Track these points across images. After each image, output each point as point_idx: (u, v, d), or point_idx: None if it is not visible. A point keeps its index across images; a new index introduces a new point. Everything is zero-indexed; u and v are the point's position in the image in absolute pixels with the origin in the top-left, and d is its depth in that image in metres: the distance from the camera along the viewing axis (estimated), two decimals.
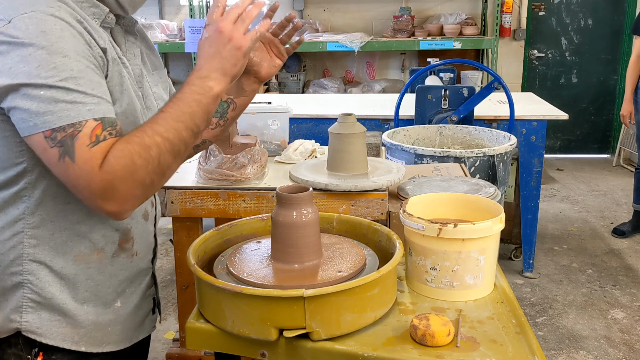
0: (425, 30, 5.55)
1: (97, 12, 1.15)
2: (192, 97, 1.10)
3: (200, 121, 1.12)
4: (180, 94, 1.11)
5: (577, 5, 6.09)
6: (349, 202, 1.81)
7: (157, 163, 1.06)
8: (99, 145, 1.02)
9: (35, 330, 1.17)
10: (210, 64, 1.13)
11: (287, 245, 1.28)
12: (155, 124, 1.07)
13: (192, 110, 1.10)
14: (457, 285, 1.30)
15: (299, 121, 3.48)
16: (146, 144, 1.04)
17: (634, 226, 4.29)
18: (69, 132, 1.01)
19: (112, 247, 1.23)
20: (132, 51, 1.26)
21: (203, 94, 1.11)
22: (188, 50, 5.41)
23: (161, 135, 1.06)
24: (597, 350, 2.91)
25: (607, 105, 6.35)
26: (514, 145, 2.80)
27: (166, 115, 1.08)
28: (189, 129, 1.10)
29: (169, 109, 1.09)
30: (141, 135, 1.05)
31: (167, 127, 1.07)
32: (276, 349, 1.16)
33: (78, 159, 1.01)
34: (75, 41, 1.04)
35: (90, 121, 1.02)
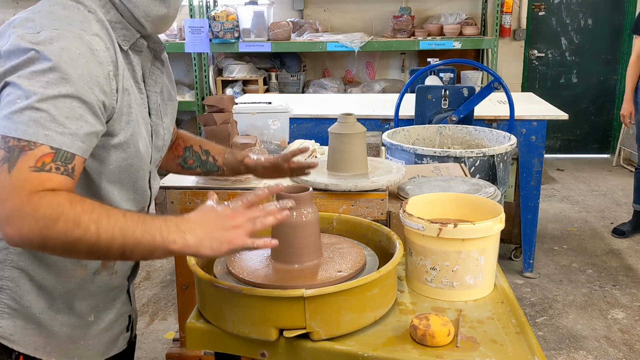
0: (425, 30, 5.55)
1: (127, 35, 1.16)
2: (154, 230, 1.00)
3: (137, 253, 1.01)
4: (152, 220, 1.02)
5: (577, 5, 6.09)
6: (349, 202, 1.81)
7: (71, 243, 0.98)
8: (40, 174, 0.97)
9: (9, 336, 1.17)
10: (198, 229, 1.03)
11: (287, 245, 1.28)
12: (105, 216, 0.99)
13: (140, 239, 0.99)
14: (457, 285, 1.30)
15: (299, 121, 3.48)
16: (79, 221, 0.97)
17: (634, 226, 4.29)
18: (21, 144, 0.98)
19: (95, 265, 1.24)
20: (154, 78, 1.26)
21: (163, 238, 1.00)
22: (188, 50, 5.42)
23: (97, 228, 0.97)
24: (597, 350, 2.91)
25: (607, 105, 6.35)
26: (514, 145, 2.80)
27: (120, 220, 0.99)
28: (122, 247, 0.99)
29: (130, 219, 1.00)
30: (87, 210, 0.98)
31: (108, 228, 0.98)
32: (276, 349, 1.16)
33: (15, 172, 0.97)
34: (87, 71, 1.03)
35: (45, 147, 0.98)
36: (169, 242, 1.00)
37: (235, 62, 5.73)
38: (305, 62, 6.08)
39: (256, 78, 5.67)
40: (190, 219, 1.04)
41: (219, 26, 5.29)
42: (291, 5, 6.02)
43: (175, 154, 1.53)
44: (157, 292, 3.56)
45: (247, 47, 5.39)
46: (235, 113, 2.23)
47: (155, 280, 3.71)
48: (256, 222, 1.07)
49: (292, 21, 5.71)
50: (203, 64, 5.84)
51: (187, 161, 1.53)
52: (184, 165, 1.53)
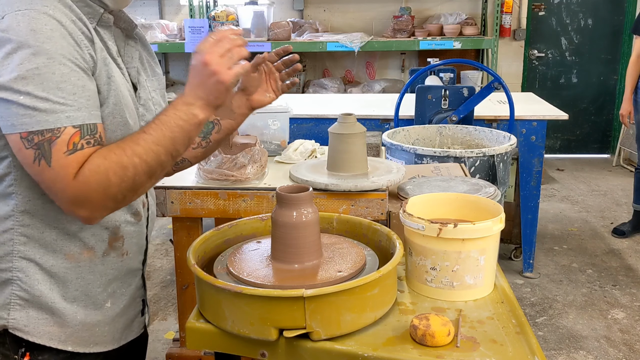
0: (425, 30, 5.55)
1: (91, 12, 1.16)
2: (175, 121, 1.11)
3: (181, 146, 1.12)
4: (164, 116, 1.11)
5: (577, 5, 6.09)
6: (349, 202, 1.81)
7: (132, 182, 1.08)
8: (75, 154, 1.04)
9: (23, 328, 1.17)
10: (195, 92, 1.13)
11: (287, 245, 1.28)
12: (135, 145, 1.08)
13: (174, 135, 1.10)
14: (457, 285, 1.30)
15: (299, 121, 3.48)
16: (123, 164, 1.06)
17: (634, 226, 4.29)
18: (46, 136, 1.02)
19: (102, 246, 1.23)
20: (130, 54, 1.27)
21: (187, 120, 1.11)
22: (188, 50, 5.41)
23: (140, 157, 1.07)
24: (597, 350, 2.91)
25: (607, 105, 6.35)
26: (514, 145, 2.80)
27: (147, 137, 1.09)
28: (169, 153, 1.11)
29: (152, 131, 1.09)
30: (120, 153, 1.07)
31: (147, 149, 1.08)
32: (276, 349, 1.16)
33: (54, 163, 1.03)
34: (64, 42, 1.05)
35: (69, 128, 1.04)
36: (191, 120, 1.11)
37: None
38: (305, 62, 6.08)
39: None
40: (187, 92, 1.13)
41: (219, 26, 5.29)
42: (291, 5, 6.02)
43: None
44: (157, 292, 3.56)
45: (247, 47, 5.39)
46: None
47: (155, 280, 3.71)
48: (232, 52, 1.14)
49: (292, 21, 5.71)
50: None
51: None
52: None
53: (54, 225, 1.17)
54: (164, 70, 6.26)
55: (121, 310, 1.31)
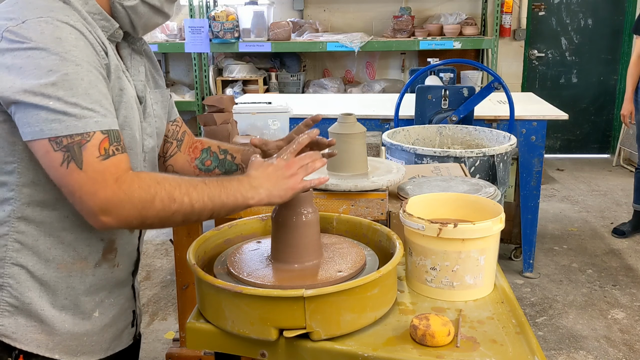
0: (425, 30, 5.55)
1: (107, 26, 1.17)
2: (235, 192, 1.15)
3: (223, 213, 1.17)
4: (228, 182, 1.16)
5: (577, 5, 6.09)
6: (349, 202, 1.81)
7: (169, 217, 1.10)
8: (110, 159, 1.05)
9: (11, 334, 1.17)
10: (265, 183, 1.18)
11: (287, 245, 1.28)
12: (192, 188, 1.11)
13: (226, 202, 1.14)
14: (457, 285, 1.30)
15: (299, 121, 3.43)
16: (173, 197, 1.09)
17: (634, 226, 4.29)
18: (76, 139, 1.03)
19: (95, 257, 1.23)
20: (136, 68, 1.28)
21: (244, 196, 1.16)
22: (188, 50, 5.42)
23: (190, 199, 1.10)
24: (597, 350, 2.91)
25: (607, 105, 6.35)
26: (514, 145, 2.80)
27: (205, 188, 1.12)
28: (212, 211, 1.14)
29: (212, 186, 1.13)
30: (175, 186, 1.09)
31: (200, 197, 1.11)
32: (276, 349, 1.16)
33: (87, 167, 1.03)
34: (88, 51, 1.07)
35: (98, 133, 1.05)
36: (247, 199, 1.17)
37: (235, 62, 5.73)
38: (305, 62, 6.08)
39: (256, 78, 5.67)
40: (256, 176, 1.19)
41: (219, 26, 5.29)
42: (291, 5, 6.02)
43: (192, 156, 1.53)
44: (157, 292, 3.56)
45: (247, 47, 5.40)
46: (235, 113, 2.23)
47: (155, 280, 3.72)
48: (308, 166, 1.22)
49: (292, 21, 5.71)
50: (203, 64, 5.84)
51: (204, 162, 1.53)
52: (202, 168, 1.53)
53: (50, 234, 1.16)
54: (164, 70, 6.26)
55: (110, 320, 1.30)
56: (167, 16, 1.24)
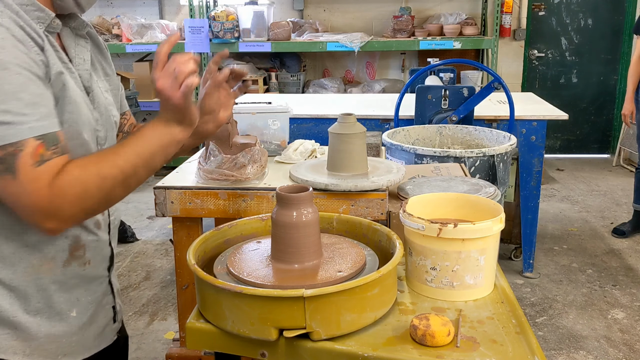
0: (425, 30, 5.55)
1: (42, 16, 1.11)
2: (154, 137, 1.13)
3: (159, 162, 1.15)
4: (146, 130, 1.14)
5: (577, 5, 6.09)
6: (349, 202, 1.81)
7: (109, 193, 1.09)
8: (46, 164, 1.02)
9: None
10: (165, 114, 1.16)
11: (287, 245, 1.28)
12: (116, 155, 1.09)
13: (153, 150, 1.13)
14: (457, 285, 1.30)
15: (299, 121, 3.48)
16: (103, 175, 1.07)
17: (634, 226, 4.29)
18: (9, 150, 0.99)
19: (63, 256, 1.20)
20: (81, 55, 1.23)
21: (165, 136, 1.15)
22: (188, 50, 5.41)
23: (119, 168, 1.08)
24: (597, 350, 2.91)
25: (607, 105, 6.35)
26: (514, 145, 2.80)
27: (128, 150, 1.10)
28: (147, 166, 1.13)
29: (132, 143, 1.11)
30: (100, 164, 1.07)
31: (127, 161, 1.09)
32: (276, 349, 1.16)
33: (22, 177, 1.01)
34: (17, 51, 1.02)
35: (31, 140, 1.01)
36: (169, 137, 1.15)
37: (235, 62, 5.73)
38: (305, 62, 6.08)
39: (256, 78, 5.67)
40: (161, 113, 1.17)
41: (219, 26, 5.29)
42: (291, 5, 6.02)
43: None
44: (157, 292, 3.56)
45: (247, 47, 5.40)
46: (235, 113, 2.23)
47: (155, 280, 3.72)
48: (177, 76, 1.13)
49: (292, 21, 5.71)
50: (203, 64, 5.84)
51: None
52: None
53: (11, 238, 1.13)
54: None
55: (89, 318, 1.28)
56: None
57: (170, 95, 1.13)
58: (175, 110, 1.15)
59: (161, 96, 1.15)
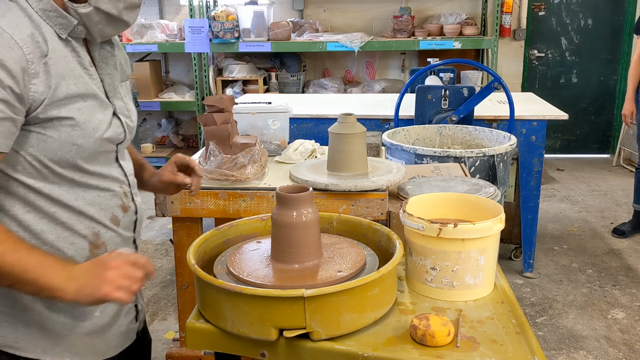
0: (425, 30, 5.55)
1: (64, 23, 1.12)
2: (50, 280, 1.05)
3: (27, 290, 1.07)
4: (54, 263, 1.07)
5: (577, 5, 6.09)
6: (349, 202, 1.81)
7: None
8: None
9: (13, 344, 1.16)
10: (80, 278, 1.08)
11: (287, 245, 1.28)
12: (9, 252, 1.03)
13: (34, 283, 1.05)
14: (457, 285, 1.30)
15: (299, 121, 3.48)
16: None
17: (634, 226, 4.29)
18: None
19: (83, 254, 1.21)
20: (105, 60, 1.24)
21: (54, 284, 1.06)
22: (188, 50, 5.42)
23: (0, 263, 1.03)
24: (597, 350, 2.91)
25: (607, 105, 6.35)
26: (514, 145, 2.80)
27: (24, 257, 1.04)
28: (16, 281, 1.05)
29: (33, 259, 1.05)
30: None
31: (10, 264, 1.03)
32: (276, 349, 1.16)
33: None
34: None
35: None
36: (55, 290, 1.06)
37: (235, 62, 5.73)
38: (305, 62, 6.08)
39: (256, 78, 5.67)
40: (82, 267, 1.10)
41: (219, 26, 5.29)
42: (291, 5, 6.02)
43: None
44: (157, 292, 3.56)
45: (247, 47, 5.39)
46: (235, 113, 2.23)
47: (155, 280, 3.71)
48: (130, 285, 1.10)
49: (292, 21, 5.71)
50: (203, 64, 5.84)
51: None
52: None
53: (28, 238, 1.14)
54: (164, 71, 6.26)
55: (112, 318, 1.29)
56: (127, 24, 1.18)
57: (110, 287, 1.07)
58: (95, 292, 1.08)
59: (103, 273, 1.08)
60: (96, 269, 1.09)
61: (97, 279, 1.08)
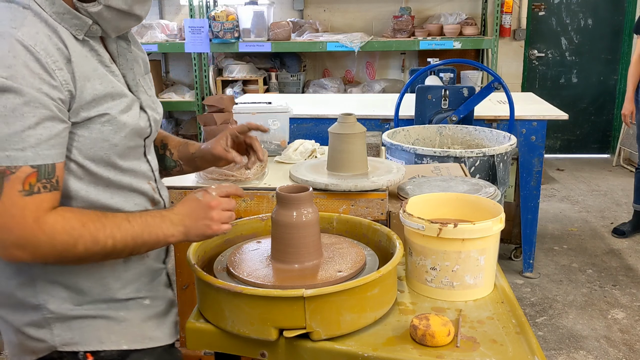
0: (425, 30, 5.55)
1: (79, 24, 1.11)
2: (156, 229, 1.14)
3: (144, 250, 1.16)
4: (152, 219, 1.14)
5: (577, 5, 6.09)
6: (349, 202, 1.81)
7: (88, 256, 1.08)
8: (33, 197, 1.01)
9: (69, 341, 1.18)
10: (185, 219, 1.18)
11: (287, 245, 1.28)
12: (116, 228, 1.09)
13: (147, 240, 1.13)
14: (457, 285, 1.30)
15: (299, 121, 3.47)
16: (96, 240, 1.07)
17: (634, 226, 4.29)
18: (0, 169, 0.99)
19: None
20: (124, 56, 1.24)
21: (164, 234, 1.15)
22: (188, 50, 5.42)
23: (114, 241, 1.08)
24: (597, 350, 2.91)
25: (607, 105, 6.35)
26: (514, 145, 2.80)
27: (129, 228, 1.11)
28: (132, 249, 1.13)
29: (135, 225, 1.11)
30: (99, 228, 1.07)
31: (122, 238, 1.10)
32: (276, 349, 1.16)
33: (6, 199, 1.00)
34: (26, 70, 1.00)
35: (25, 167, 1.01)
36: (167, 237, 1.16)
37: (235, 62, 5.73)
38: (305, 62, 6.08)
39: (256, 78, 5.67)
40: (179, 212, 1.18)
41: (219, 26, 5.29)
42: (291, 5, 6.02)
43: None
44: None
45: (247, 47, 5.39)
46: (235, 113, 2.23)
47: None
48: (230, 215, 1.23)
49: (292, 21, 5.71)
50: (203, 64, 5.84)
51: None
52: None
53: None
54: (164, 71, 6.26)
55: (165, 307, 1.31)
56: (139, 18, 1.17)
57: (216, 219, 1.20)
58: (202, 230, 1.19)
59: (206, 212, 1.19)
60: (200, 211, 1.19)
61: (204, 219, 1.19)
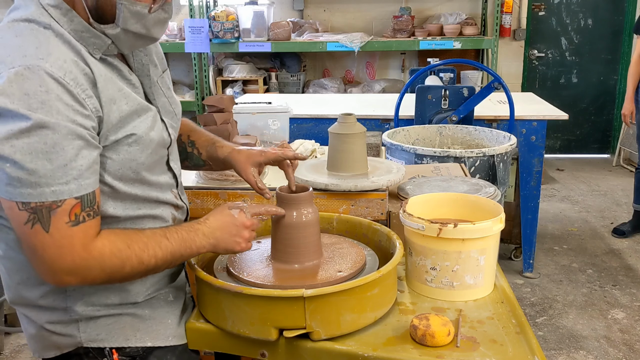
0: (425, 30, 5.55)
1: (98, 43, 1.10)
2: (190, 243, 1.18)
3: (179, 262, 1.19)
4: (187, 234, 1.18)
5: (577, 5, 6.09)
6: (349, 202, 1.81)
7: (133, 275, 1.13)
8: (80, 226, 1.04)
9: (95, 337, 1.20)
10: (216, 233, 1.21)
11: (287, 245, 1.28)
12: (157, 247, 1.13)
13: (183, 254, 1.18)
14: (457, 285, 1.30)
15: (299, 121, 3.48)
16: (142, 260, 1.11)
17: (634, 226, 4.29)
18: (46, 204, 1.01)
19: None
20: (140, 60, 1.23)
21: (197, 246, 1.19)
22: (188, 50, 5.42)
23: (156, 260, 1.13)
24: (597, 350, 2.91)
25: (607, 105, 6.35)
26: (514, 145, 2.80)
27: (168, 245, 1.15)
28: (170, 264, 1.17)
29: (174, 241, 1.15)
30: (143, 249, 1.11)
31: (163, 256, 1.14)
32: (276, 349, 1.17)
33: (54, 231, 1.02)
34: (60, 104, 1.00)
35: (70, 199, 1.02)
36: (199, 249, 1.19)
37: (235, 62, 5.73)
38: (305, 62, 6.08)
39: (256, 78, 5.67)
40: (211, 225, 1.21)
41: (219, 26, 5.29)
42: (291, 5, 6.02)
43: None
44: None
45: (247, 47, 5.39)
46: (236, 113, 2.23)
47: None
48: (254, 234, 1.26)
49: (292, 21, 5.71)
50: (203, 64, 5.84)
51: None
52: None
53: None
54: None
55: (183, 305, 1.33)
56: (156, 39, 1.17)
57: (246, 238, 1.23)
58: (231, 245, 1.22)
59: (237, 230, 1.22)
60: (233, 228, 1.22)
61: (236, 237, 1.22)
